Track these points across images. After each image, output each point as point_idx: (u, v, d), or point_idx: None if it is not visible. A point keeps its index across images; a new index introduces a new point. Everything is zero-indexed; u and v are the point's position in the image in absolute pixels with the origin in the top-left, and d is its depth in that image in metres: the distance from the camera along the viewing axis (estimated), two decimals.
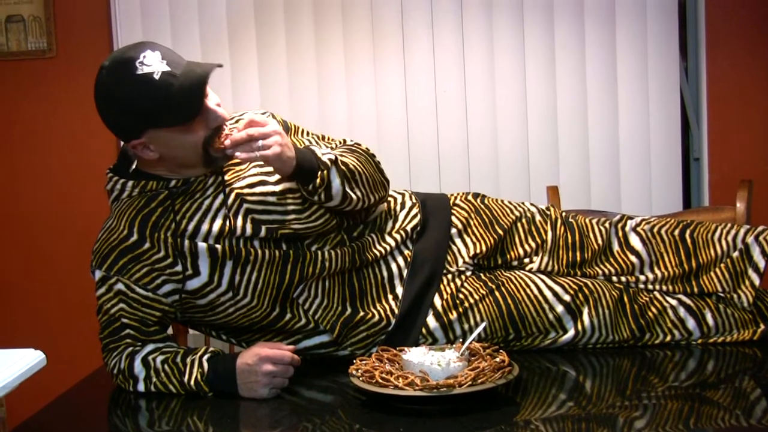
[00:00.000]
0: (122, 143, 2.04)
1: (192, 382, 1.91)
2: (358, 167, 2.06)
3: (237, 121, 2.15)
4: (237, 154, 1.92)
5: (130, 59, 1.91)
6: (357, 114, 3.41)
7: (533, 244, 2.19)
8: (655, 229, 2.18)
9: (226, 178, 2.04)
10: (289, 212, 2.03)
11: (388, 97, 3.40)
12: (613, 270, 2.15)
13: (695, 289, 2.12)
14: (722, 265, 2.11)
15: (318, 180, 1.97)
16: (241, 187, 2.03)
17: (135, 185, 2.01)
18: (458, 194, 2.28)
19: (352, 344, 2.07)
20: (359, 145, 2.16)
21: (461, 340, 2.02)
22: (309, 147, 2.02)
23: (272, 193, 2.03)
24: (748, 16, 3.28)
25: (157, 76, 1.89)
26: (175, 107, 1.90)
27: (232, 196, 2.02)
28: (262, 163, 2.04)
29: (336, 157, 2.01)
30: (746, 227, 2.15)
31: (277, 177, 2.05)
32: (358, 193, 2.05)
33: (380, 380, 1.77)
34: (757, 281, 2.08)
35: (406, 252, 2.14)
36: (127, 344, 1.98)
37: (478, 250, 2.16)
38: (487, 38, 3.35)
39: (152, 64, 1.90)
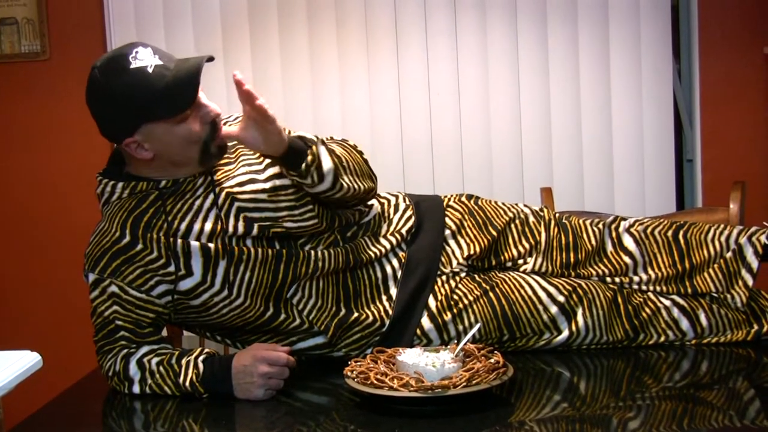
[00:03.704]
0: (114, 146, 2.04)
1: (187, 384, 1.91)
2: (344, 154, 2.06)
3: (236, 118, 2.16)
4: (258, 102, 1.86)
5: (123, 55, 1.92)
6: (351, 114, 3.41)
7: (527, 245, 2.19)
8: (649, 230, 2.18)
9: (216, 177, 2.04)
10: (281, 209, 2.04)
11: (382, 98, 3.40)
12: (606, 271, 2.16)
13: (689, 290, 2.12)
14: (715, 265, 2.12)
15: (309, 156, 1.94)
16: (231, 186, 2.03)
17: (125, 187, 2.01)
18: (452, 196, 2.28)
19: (346, 345, 2.07)
20: (346, 140, 2.17)
21: (456, 341, 2.02)
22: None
23: (263, 191, 2.03)
24: (741, 18, 3.29)
25: (150, 69, 1.90)
26: (170, 97, 1.91)
27: (223, 195, 2.02)
28: (251, 162, 2.05)
29: (323, 139, 2.02)
30: (739, 228, 2.15)
31: (267, 174, 2.05)
32: (347, 179, 2.03)
33: (375, 381, 1.77)
34: (750, 281, 2.09)
35: (401, 254, 2.14)
36: (121, 346, 1.98)
37: (472, 252, 2.16)
38: (480, 40, 3.35)
39: (145, 58, 1.92)
